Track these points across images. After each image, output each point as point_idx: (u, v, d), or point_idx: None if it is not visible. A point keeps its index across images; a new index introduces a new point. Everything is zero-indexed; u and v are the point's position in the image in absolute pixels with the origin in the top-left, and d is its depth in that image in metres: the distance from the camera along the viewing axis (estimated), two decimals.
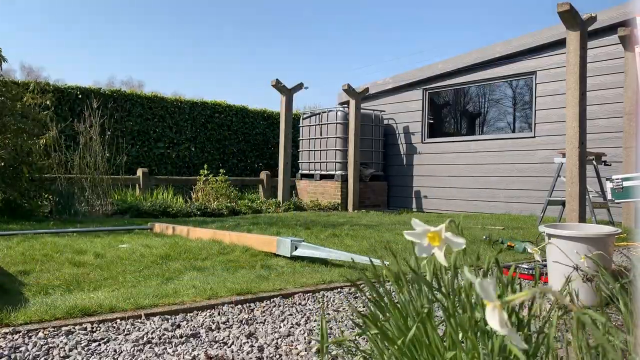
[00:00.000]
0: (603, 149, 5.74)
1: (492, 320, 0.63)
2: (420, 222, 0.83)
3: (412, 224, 0.83)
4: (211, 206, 7.13)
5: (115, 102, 10.02)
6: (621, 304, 1.11)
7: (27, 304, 2.04)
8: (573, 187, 4.32)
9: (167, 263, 3.05)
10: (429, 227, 0.83)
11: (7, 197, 5.69)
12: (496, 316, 0.64)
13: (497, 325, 0.63)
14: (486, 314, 0.64)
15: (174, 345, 1.68)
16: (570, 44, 4.37)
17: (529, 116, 7.49)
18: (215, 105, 11.57)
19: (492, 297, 0.64)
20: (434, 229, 0.83)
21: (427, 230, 0.83)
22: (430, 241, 0.83)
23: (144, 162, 10.20)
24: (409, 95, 8.81)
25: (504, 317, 0.63)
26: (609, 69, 6.39)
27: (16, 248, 3.41)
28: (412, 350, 0.94)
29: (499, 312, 0.63)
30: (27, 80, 8.96)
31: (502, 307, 0.64)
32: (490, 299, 0.64)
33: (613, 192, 3.57)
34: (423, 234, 0.83)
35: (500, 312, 0.63)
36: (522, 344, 0.64)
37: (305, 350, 1.64)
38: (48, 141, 6.16)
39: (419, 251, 0.84)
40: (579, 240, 2.13)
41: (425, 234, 0.83)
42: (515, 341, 0.64)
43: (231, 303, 2.19)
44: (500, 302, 0.64)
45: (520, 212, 7.20)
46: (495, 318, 0.63)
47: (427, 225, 0.83)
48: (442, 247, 0.83)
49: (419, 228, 0.83)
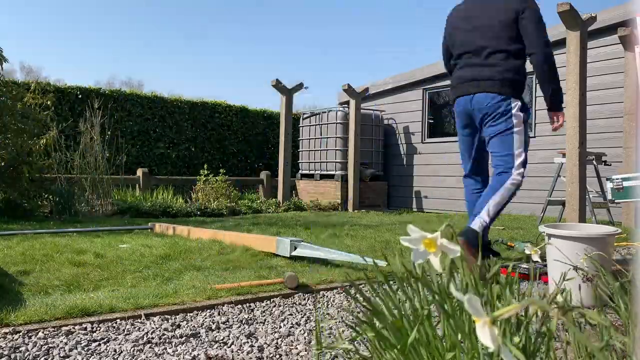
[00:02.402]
0: (603, 149, 5.74)
1: (483, 336, 0.63)
2: (416, 228, 0.83)
3: (407, 230, 0.83)
4: (211, 206, 7.13)
5: (116, 102, 10.03)
6: (620, 304, 1.11)
7: (27, 304, 2.04)
8: (573, 187, 4.32)
9: (167, 263, 3.05)
10: (425, 234, 0.82)
11: (7, 197, 5.69)
12: (487, 332, 0.63)
13: (488, 342, 0.62)
14: (477, 331, 0.63)
15: (174, 345, 1.68)
16: (570, 44, 4.38)
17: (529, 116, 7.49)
18: (215, 105, 11.57)
19: (480, 314, 0.63)
20: (430, 236, 0.82)
21: (423, 237, 0.82)
22: (426, 247, 0.83)
23: (144, 162, 10.21)
24: (409, 95, 8.81)
25: (495, 333, 0.62)
26: (609, 69, 6.39)
27: (16, 248, 3.41)
28: (411, 351, 0.94)
29: (490, 329, 0.63)
30: (28, 80, 8.97)
31: (492, 323, 0.63)
32: (479, 315, 0.63)
33: (613, 192, 3.57)
34: (419, 240, 0.83)
35: (491, 328, 0.63)
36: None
37: (305, 350, 1.64)
38: (48, 141, 6.16)
39: (415, 257, 0.83)
40: (579, 240, 2.13)
41: (421, 240, 0.83)
42: (506, 358, 0.63)
43: (231, 303, 2.19)
44: (490, 318, 0.63)
45: (520, 212, 7.20)
46: (486, 334, 0.63)
47: (423, 232, 0.83)
48: (438, 254, 0.82)
49: (414, 234, 0.83)
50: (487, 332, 0.62)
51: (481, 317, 0.63)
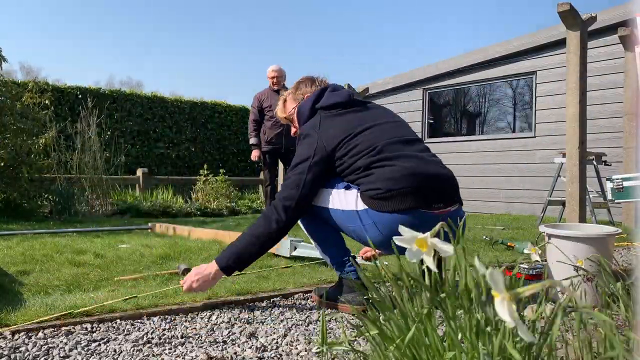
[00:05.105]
0: (603, 149, 5.74)
1: (502, 311, 0.64)
2: (408, 229, 0.86)
3: (399, 230, 0.86)
4: (211, 206, 7.13)
5: (115, 102, 10.03)
6: (622, 304, 1.11)
7: (27, 304, 2.03)
8: (573, 187, 4.32)
9: (167, 263, 3.05)
10: (416, 234, 0.86)
11: (7, 197, 5.69)
12: (505, 308, 0.64)
13: (506, 317, 0.64)
14: (495, 306, 0.65)
15: (173, 345, 1.68)
16: (570, 44, 4.37)
17: (529, 116, 7.48)
18: (215, 105, 11.57)
19: (501, 289, 0.65)
20: (421, 236, 0.85)
21: (414, 237, 0.86)
22: (419, 247, 0.85)
23: (144, 162, 10.20)
24: (409, 95, 8.81)
25: (513, 309, 0.64)
26: (609, 69, 6.39)
27: (16, 248, 3.41)
28: (411, 350, 0.94)
29: (508, 304, 0.64)
30: (27, 80, 8.96)
31: (511, 299, 0.65)
32: (500, 290, 0.65)
33: (613, 192, 3.57)
34: (411, 239, 0.86)
35: (510, 303, 0.64)
36: (530, 336, 0.65)
37: (305, 350, 1.63)
38: (47, 141, 6.16)
39: (410, 256, 0.86)
40: (579, 241, 2.13)
41: (413, 240, 0.86)
42: (523, 333, 0.64)
43: (231, 303, 2.18)
44: (510, 293, 0.65)
45: (520, 212, 7.19)
46: (505, 309, 0.64)
47: (414, 232, 0.86)
48: (431, 253, 0.85)
49: (406, 234, 0.86)
50: (506, 308, 0.64)
51: (501, 291, 0.65)
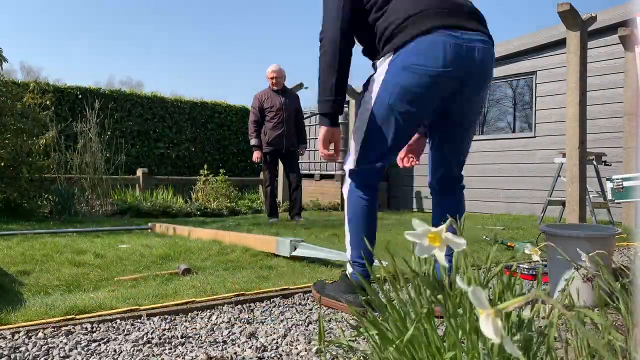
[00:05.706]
0: (603, 149, 5.74)
1: (486, 328, 0.62)
2: (421, 222, 0.83)
3: (412, 224, 0.83)
4: (211, 206, 7.12)
5: (116, 102, 10.03)
6: (621, 304, 1.11)
7: (27, 304, 2.03)
8: (573, 187, 4.32)
9: (167, 263, 3.05)
10: (429, 228, 0.83)
11: (7, 197, 5.69)
12: (490, 324, 0.62)
13: (491, 334, 0.62)
14: (480, 323, 0.63)
15: (173, 345, 1.68)
16: (571, 44, 4.37)
17: (529, 116, 7.48)
18: (215, 105, 11.57)
19: (484, 305, 0.63)
20: (435, 230, 0.83)
21: (427, 231, 0.83)
22: (431, 242, 0.83)
23: (144, 162, 10.20)
24: None
25: (498, 325, 0.62)
26: (609, 69, 6.39)
27: (16, 248, 3.41)
28: (411, 350, 0.94)
29: (493, 320, 0.62)
30: (27, 80, 8.96)
31: (495, 315, 0.63)
32: (483, 307, 0.63)
33: (613, 192, 3.57)
34: (424, 234, 0.83)
35: (495, 320, 0.62)
36: (517, 351, 0.63)
37: (305, 350, 1.63)
38: (48, 141, 6.16)
39: (419, 251, 0.83)
40: (579, 241, 2.13)
41: (425, 234, 0.83)
42: (509, 349, 0.63)
43: (231, 303, 2.18)
44: (494, 310, 0.63)
45: (520, 212, 7.19)
46: (489, 326, 0.62)
47: (427, 226, 0.83)
48: (443, 248, 0.82)
49: (419, 228, 0.83)
50: (491, 324, 0.62)
51: (485, 308, 0.63)
